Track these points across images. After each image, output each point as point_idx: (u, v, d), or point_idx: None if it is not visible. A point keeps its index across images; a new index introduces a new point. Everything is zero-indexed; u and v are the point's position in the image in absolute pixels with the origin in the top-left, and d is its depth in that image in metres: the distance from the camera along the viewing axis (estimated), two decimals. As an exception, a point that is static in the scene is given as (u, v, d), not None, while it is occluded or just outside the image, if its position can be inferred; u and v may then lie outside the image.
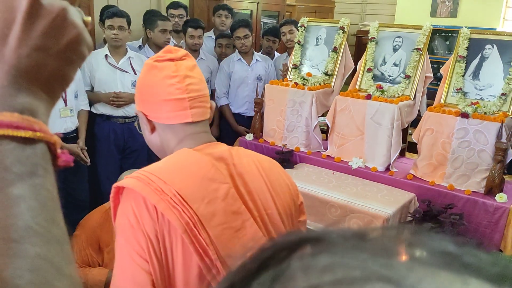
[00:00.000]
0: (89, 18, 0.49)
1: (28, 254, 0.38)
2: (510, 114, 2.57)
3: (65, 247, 0.41)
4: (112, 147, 3.35)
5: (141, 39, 3.79)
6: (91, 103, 3.30)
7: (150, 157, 3.50)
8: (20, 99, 0.42)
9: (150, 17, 3.56)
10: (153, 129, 1.11)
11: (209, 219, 0.95)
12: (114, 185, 1.00)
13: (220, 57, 4.02)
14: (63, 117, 3.03)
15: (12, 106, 0.41)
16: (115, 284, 0.95)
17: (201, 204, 0.96)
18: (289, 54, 3.85)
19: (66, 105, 3.04)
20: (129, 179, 0.97)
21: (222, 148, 1.10)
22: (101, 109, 3.31)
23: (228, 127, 3.89)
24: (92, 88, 3.31)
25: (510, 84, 2.56)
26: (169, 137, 1.09)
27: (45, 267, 0.38)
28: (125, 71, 3.33)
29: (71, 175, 3.09)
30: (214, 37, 4.16)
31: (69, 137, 3.07)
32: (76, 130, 3.14)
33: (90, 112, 3.30)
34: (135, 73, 3.35)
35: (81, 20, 0.46)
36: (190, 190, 0.96)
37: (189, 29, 3.66)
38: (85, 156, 3.09)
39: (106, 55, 3.27)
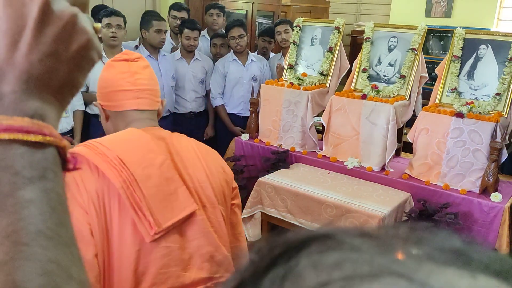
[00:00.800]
0: (99, 25, 0.49)
1: (38, 257, 0.38)
2: (504, 114, 2.58)
3: (74, 250, 0.43)
4: (107, 147, 3.34)
5: (138, 39, 3.78)
6: (86, 104, 3.28)
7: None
8: (31, 104, 0.42)
9: (145, 17, 3.55)
10: (107, 117, 1.29)
11: (144, 180, 1.10)
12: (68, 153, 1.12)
13: (215, 57, 4.01)
14: (58, 118, 3.01)
15: (23, 111, 0.42)
16: None
17: (138, 168, 1.11)
18: (284, 54, 3.85)
19: (60, 105, 3.02)
20: (78, 147, 1.15)
21: (164, 131, 1.27)
22: (96, 109, 3.29)
23: (224, 127, 3.89)
24: (87, 88, 3.30)
25: (504, 84, 2.58)
26: (119, 122, 1.27)
27: (55, 271, 0.39)
28: (120, 71, 3.31)
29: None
30: (207, 36, 4.16)
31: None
32: (71, 131, 3.13)
33: (85, 113, 3.28)
34: (130, 73, 3.34)
35: (91, 26, 0.47)
36: (129, 155, 1.12)
37: (186, 30, 3.65)
38: (79, 157, 3.08)
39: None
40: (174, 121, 3.81)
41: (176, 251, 1.14)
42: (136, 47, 3.70)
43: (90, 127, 3.34)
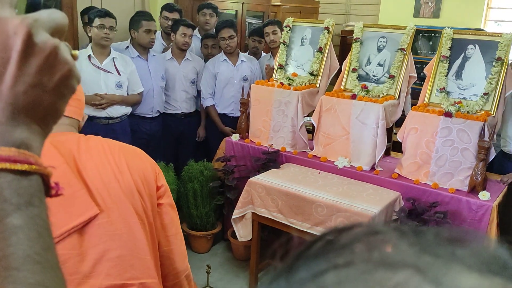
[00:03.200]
0: (77, 52, 0.51)
1: (28, 281, 0.41)
2: (492, 113, 2.61)
3: (59, 273, 0.46)
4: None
5: (129, 40, 3.76)
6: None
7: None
8: (17, 134, 0.45)
9: (134, 17, 3.53)
10: None
11: None
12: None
13: (206, 58, 4.00)
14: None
15: (10, 141, 0.44)
16: None
17: None
18: (273, 55, 3.85)
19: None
20: None
21: (71, 136, 1.23)
22: (84, 110, 3.26)
23: (214, 128, 3.88)
24: (76, 89, 3.27)
25: (492, 84, 2.61)
26: None
27: None
28: (109, 72, 3.29)
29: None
30: (199, 36, 4.14)
31: (52, 139, 3.02)
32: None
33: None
34: (119, 74, 3.32)
35: (69, 54, 0.49)
36: None
37: (181, 27, 3.62)
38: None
39: (89, 56, 3.23)
40: (164, 122, 3.79)
41: (74, 258, 1.07)
42: (128, 47, 3.67)
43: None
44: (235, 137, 3.39)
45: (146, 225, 1.19)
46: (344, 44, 6.13)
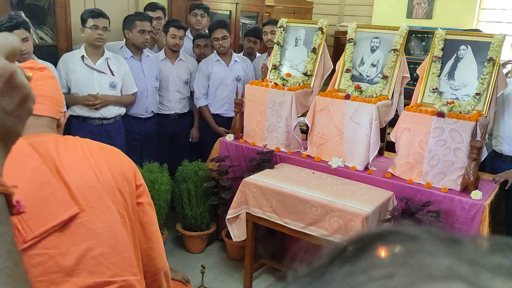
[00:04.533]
0: (31, 74, 0.54)
1: None
2: (484, 113, 2.63)
3: (28, 284, 0.49)
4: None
5: (124, 40, 3.75)
6: (67, 105, 3.24)
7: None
8: None
9: (128, 17, 3.52)
10: None
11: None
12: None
13: (199, 58, 3.99)
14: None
15: None
16: None
17: (4, 175, 1.06)
18: (269, 54, 3.86)
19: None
20: None
21: (49, 136, 1.22)
22: (78, 110, 3.26)
23: (208, 128, 3.88)
24: (69, 90, 3.25)
25: (484, 84, 2.63)
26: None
27: None
28: (103, 72, 3.28)
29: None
30: (190, 37, 4.14)
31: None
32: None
33: (66, 114, 3.24)
34: (113, 74, 3.31)
35: (25, 77, 0.51)
36: None
37: (172, 29, 3.63)
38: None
39: (82, 56, 3.22)
40: (158, 122, 3.79)
41: (56, 257, 1.07)
42: (122, 48, 3.66)
43: (71, 128, 3.30)
44: (229, 137, 3.39)
45: (127, 222, 1.20)
46: (337, 44, 6.15)
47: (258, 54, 4.29)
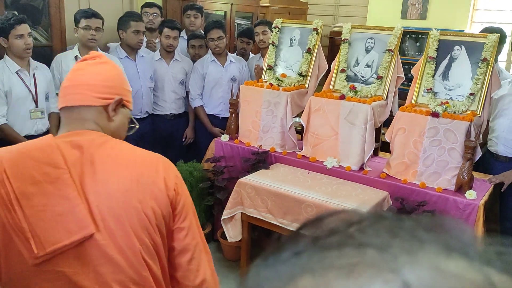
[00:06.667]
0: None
1: None
2: (478, 113, 2.65)
3: None
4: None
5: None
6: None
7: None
8: None
9: (123, 18, 3.51)
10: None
11: (27, 198, 0.99)
12: None
13: (193, 58, 3.99)
14: (34, 119, 2.96)
15: None
16: None
17: (24, 183, 1.00)
18: (262, 55, 3.86)
19: (37, 106, 2.96)
20: None
21: (87, 136, 1.11)
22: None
23: (203, 128, 3.87)
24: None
25: (478, 84, 2.64)
26: (61, 123, 1.17)
27: None
28: (97, 73, 3.26)
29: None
30: (185, 37, 4.14)
31: (40, 140, 2.99)
32: (47, 132, 3.07)
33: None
34: (107, 74, 3.29)
35: None
36: (18, 170, 1.02)
37: (165, 29, 3.63)
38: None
39: (76, 57, 3.20)
40: (153, 123, 3.78)
41: (71, 276, 1.02)
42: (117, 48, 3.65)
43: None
44: (225, 138, 3.39)
45: (151, 251, 1.08)
46: (332, 45, 6.16)
47: (251, 55, 4.29)
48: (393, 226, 0.29)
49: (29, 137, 2.92)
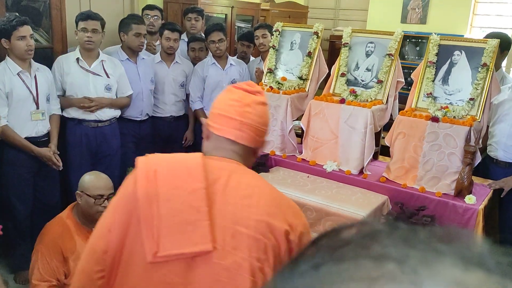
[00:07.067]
0: None
1: None
2: (478, 118, 2.65)
3: None
4: (84, 151, 3.29)
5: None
6: (62, 108, 3.23)
7: (123, 162, 3.45)
8: None
9: (124, 20, 3.52)
10: (207, 136, 1.28)
11: (166, 199, 1.08)
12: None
13: (194, 61, 4.00)
14: (34, 120, 2.96)
15: None
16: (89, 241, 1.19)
17: (167, 186, 1.10)
18: (262, 58, 3.87)
19: (38, 108, 2.96)
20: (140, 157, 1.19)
21: (229, 165, 1.21)
22: (73, 113, 3.25)
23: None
24: (64, 92, 3.24)
25: (477, 89, 2.65)
26: (212, 145, 1.26)
27: None
28: (98, 75, 3.27)
29: (42, 180, 3.01)
30: (185, 40, 4.14)
31: (40, 141, 2.99)
32: (47, 134, 3.07)
33: (61, 116, 3.23)
34: (108, 77, 3.30)
35: None
36: (166, 173, 1.13)
37: (166, 32, 3.64)
38: (57, 160, 3.02)
39: (77, 59, 3.21)
40: (154, 125, 3.78)
41: (178, 285, 1.06)
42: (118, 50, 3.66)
43: (66, 130, 3.28)
44: (225, 141, 3.39)
45: (258, 284, 1.10)
46: (332, 48, 6.17)
47: (252, 58, 4.29)
48: (408, 236, 0.29)
49: (29, 139, 2.92)
